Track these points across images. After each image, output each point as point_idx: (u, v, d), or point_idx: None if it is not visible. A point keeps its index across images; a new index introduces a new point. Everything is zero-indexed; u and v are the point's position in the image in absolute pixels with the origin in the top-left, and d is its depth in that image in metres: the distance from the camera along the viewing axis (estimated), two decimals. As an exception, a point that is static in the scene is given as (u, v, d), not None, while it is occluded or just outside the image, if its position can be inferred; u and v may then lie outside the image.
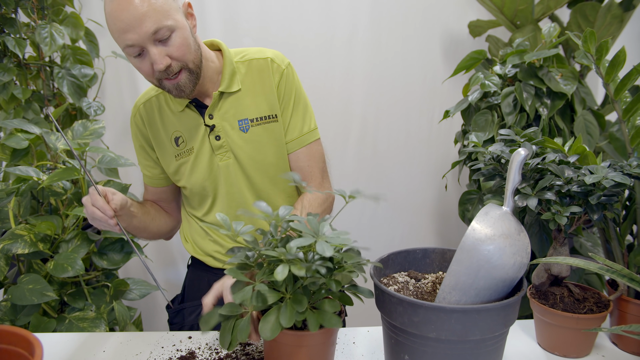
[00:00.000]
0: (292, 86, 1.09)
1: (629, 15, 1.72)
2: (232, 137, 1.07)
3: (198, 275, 1.22)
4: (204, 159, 1.08)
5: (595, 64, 1.06)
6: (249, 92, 1.07)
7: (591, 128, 1.50)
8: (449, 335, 0.72)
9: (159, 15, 0.90)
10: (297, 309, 0.69)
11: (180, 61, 0.95)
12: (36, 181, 1.22)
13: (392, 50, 2.05)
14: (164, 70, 0.94)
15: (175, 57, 0.94)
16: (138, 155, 1.18)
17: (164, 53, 0.93)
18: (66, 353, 0.93)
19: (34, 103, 1.67)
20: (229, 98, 1.07)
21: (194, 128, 1.08)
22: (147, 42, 0.91)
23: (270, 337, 0.67)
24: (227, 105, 1.07)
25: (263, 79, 1.07)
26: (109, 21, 0.92)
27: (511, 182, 0.84)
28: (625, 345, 0.95)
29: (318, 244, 0.66)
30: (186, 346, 0.95)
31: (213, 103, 1.06)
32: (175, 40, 0.93)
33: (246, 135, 1.07)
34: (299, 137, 1.11)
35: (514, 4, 1.82)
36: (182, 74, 0.97)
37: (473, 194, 1.63)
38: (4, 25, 1.61)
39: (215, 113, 1.06)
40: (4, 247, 1.16)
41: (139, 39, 0.90)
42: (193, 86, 0.99)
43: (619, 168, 0.92)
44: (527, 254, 0.80)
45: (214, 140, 1.07)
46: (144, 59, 0.94)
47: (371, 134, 2.13)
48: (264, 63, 1.08)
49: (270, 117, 1.08)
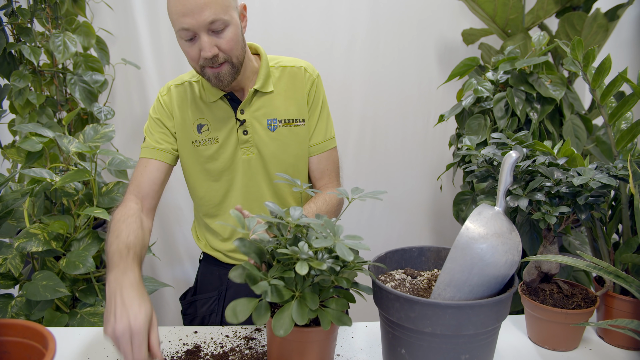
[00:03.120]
0: (320, 95, 1.17)
1: (613, 24, 1.74)
2: (259, 134, 1.12)
3: (210, 269, 1.27)
4: (227, 149, 1.12)
5: (582, 71, 1.07)
6: (280, 95, 1.13)
7: (579, 132, 1.51)
8: (444, 330, 0.73)
9: (219, 8, 0.95)
10: (311, 307, 0.70)
11: (226, 54, 1.00)
12: (49, 182, 1.24)
13: (389, 57, 2.08)
14: (210, 59, 0.98)
15: (223, 49, 0.99)
16: (152, 128, 1.14)
17: (214, 43, 0.98)
18: (78, 346, 0.95)
19: (48, 108, 1.71)
20: (262, 97, 1.12)
21: (223, 119, 1.11)
22: (201, 30, 0.96)
23: (284, 334, 0.67)
24: (259, 104, 1.12)
25: (295, 85, 1.14)
26: (170, 2, 0.97)
27: (503, 183, 0.85)
28: (612, 339, 0.97)
29: (338, 247, 0.67)
30: (192, 340, 0.96)
31: (247, 99, 1.10)
32: (227, 34, 0.98)
33: (273, 134, 1.12)
34: (322, 142, 1.17)
35: (505, 13, 1.84)
36: (225, 66, 1.01)
37: (467, 195, 1.63)
38: (20, 34, 1.66)
39: (247, 109, 1.11)
40: (19, 245, 1.18)
41: (195, 24, 0.95)
42: (231, 79, 1.04)
43: (606, 170, 0.93)
44: (518, 252, 0.80)
45: (242, 134, 1.11)
46: (194, 44, 0.98)
47: (369, 137, 2.15)
48: (297, 71, 1.15)
49: (298, 120, 1.13)
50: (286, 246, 0.73)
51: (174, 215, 2.07)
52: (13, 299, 1.25)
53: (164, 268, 2.11)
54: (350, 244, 0.69)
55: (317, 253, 0.74)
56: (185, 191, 1.26)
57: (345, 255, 0.66)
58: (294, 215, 0.77)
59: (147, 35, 1.95)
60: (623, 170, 0.92)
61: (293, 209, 0.78)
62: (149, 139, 1.14)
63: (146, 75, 1.99)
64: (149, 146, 1.12)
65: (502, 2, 1.82)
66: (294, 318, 0.69)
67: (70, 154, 1.33)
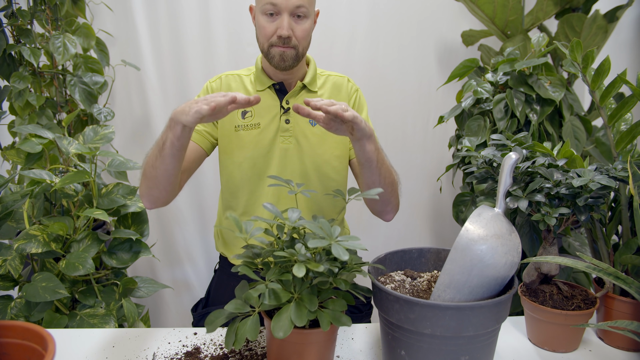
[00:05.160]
0: (362, 102, 1.26)
1: (612, 26, 1.75)
2: (300, 125, 1.17)
3: (223, 281, 1.27)
4: (267, 136, 1.16)
5: (581, 72, 1.08)
6: (324, 96, 1.20)
7: (578, 133, 1.52)
8: (443, 332, 0.73)
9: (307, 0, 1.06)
10: (309, 308, 0.70)
11: (297, 40, 1.08)
12: (49, 184, 1.24)
13: (389, 58, 2.08)
14: (284, 38, 1.06)
15: (296, 35, 1.08)
16: None
17: (291, 27, 1.07)
18: (77, 348, 0.95)
19: (48, 109, 1.72)
20: (308, 94, 1.18)
21: (268, 107, 1.17)
22: (286, 10, 1.05)
23: (283, 335, 0.67)
24: (304, 98, 1.14)
25: (339, 91, 1.22)
26: None
27: (503, 184, 0.85)
28: (611, 340, 0.97)
29: (333, 247, 0.68)
30: (192, 342, 0.97)
31: (294, 91, 1.17)
32: (303, 24, 1.08)
33: (313, 128, 1.18)
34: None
35: (505, 14, 1.85)
36: (291, 50, 1.09)
37: (466, 196, 1.64)
38: (20, 35, 1.67)
39: (292, 100, 1.17)
40: (19, 246, 1.18)
41: (284, 3, 1.04)
42: (292, 63, 1.10)
43: (605, 171, 0.93)
44: (518, 254, 0.81)
45: (284, 123, 1.16)
46: (273, 21, 1.07)
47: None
48: (341, 80, 1.24)
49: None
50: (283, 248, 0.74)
51: (174, 216, 2.07)
52: (12, 301, 1.25)
53: (163, 269, 2.11)
54: (347, 244, 0.69)
55: (315, 255, 0.74)
56: (184, 192, 1.27)
57: (341, 255, 0.67)
58: (292, 217, 0.77)
59: (147, 37, 1.95)
60: (623, 172, 0.92)
61: (291, 210, 0.78)
62: None
63: (146, 76, 1.99)
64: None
65: (502, 3, 1.82)
66: (293, 320, 0.69)
67: (70, 155, 1.33)
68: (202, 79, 1.97)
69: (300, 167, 1.17)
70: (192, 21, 1.94)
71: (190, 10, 1.93)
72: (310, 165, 1.18)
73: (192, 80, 2.00)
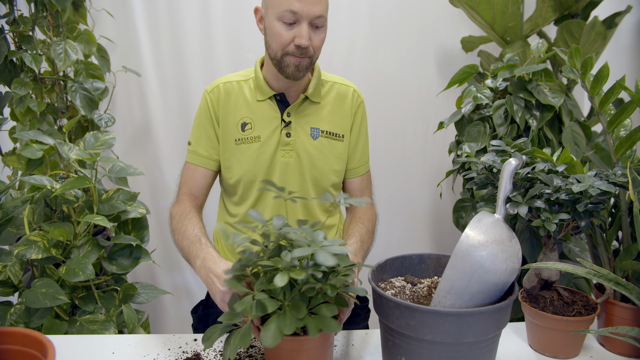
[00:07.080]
0: (364, 117, 1.23)
1: (611, 32, 1.76)
2: (301, 139, 1.15)
3: None
4: (268, 150, 1.14)
5: (580, 78, 1.08)
6: (326, 108, 1.17)
7: (578, 139, 1.52)
8: (444, 338, 0.73)
9: (325, 8, 1.05)
10: (297, 316, 0.69)
11: (313, 50, 1.07)
12: (50, 189, 1.24)
13: (388, 64, 2.09)
14: (302, 48, 1.04)
15: (313, 45, 1.06)
16: (198, 131, 1.17)
17: (310, 37, 1.04)
18: (77, 354, 0.95)
19: (49, 115, 1.73)
20: (310, 106, 1.16)
21: (268, 119, 1.14)
22: (306, 19, 1.02)
23: (272, 344, 0.67)
24: (306, 110, 1.15)
25: (343, 102, 1.19)
26: None
27: (503, 190, 0.86)
28: (612, 347, 0.97)
29: (317, 254, 0.67)
30: (192, 348, 0.97)
31: (296, 103, 1.14)
32: (320, 34, 1.07)
33: (314, 142, 1.16)
34: (365, 164, 1.25)
35: (504, 21, 1.86)
36: (306, 60, 1.07)
37: (466, 202, 1.64)
38: (22, 42, 1.68)
39: (294, 113, 1.14)
40: (19, 252, 1.18)
41: (305, 12, 1.01)
42: (304, 74, 1.08)
43: (605, 177, 0.93)
44: (518, 259, 0.81)
45: (285, 136, 1.14)
46: (291, 29, 1.03)
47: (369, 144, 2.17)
48: (346, 90, 1.20)
49: (339, 135, 1.17)
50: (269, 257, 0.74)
51: (174, 222, 2.07)
52: (12, 307, 1.25)
53: (163, 275, 2.10)
54: (333, 249, 0.69)
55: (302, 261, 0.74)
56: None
57: (326, 261, 0.66)
58: (276, 224, 0.77)
59: (148, 43, 1.97)
60: (622, 177, 0.92)
61: (277, 218, 0.78)
62: (195, 144, 1.18)
63: (146, 82, 2.00)
64: (196, 152, 1.17)
65: (501, 9, 1.83)
66: (280, 328, 0.68)
67: (70, 161, 1.33)
68: (202, 85, 1.98)
69: (300, 181, 1.16)
70: (193, 28, 1.95)
71: (191, 17, 1.94)
72: (309, 179, 1.16)
73: (193, 86, 2.01)
